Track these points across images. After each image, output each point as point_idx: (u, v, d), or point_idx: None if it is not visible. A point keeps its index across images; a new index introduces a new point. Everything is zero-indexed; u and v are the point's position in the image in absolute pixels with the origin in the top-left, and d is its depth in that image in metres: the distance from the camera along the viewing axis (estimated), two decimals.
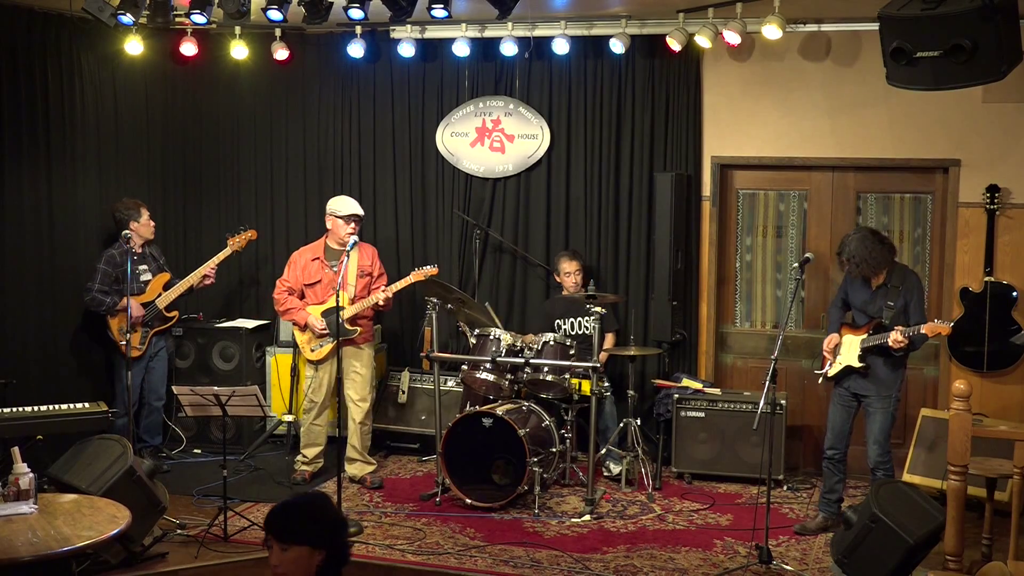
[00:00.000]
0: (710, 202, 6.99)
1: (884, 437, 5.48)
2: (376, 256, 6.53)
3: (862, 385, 5.53)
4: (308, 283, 6.38)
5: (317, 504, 2.98)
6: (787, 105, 6.81)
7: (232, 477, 5.78)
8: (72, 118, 6.77)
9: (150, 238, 6.75)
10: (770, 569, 5.07)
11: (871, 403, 5.50)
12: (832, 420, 5.67)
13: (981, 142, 6.45)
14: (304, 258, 6.47)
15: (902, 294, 5.44)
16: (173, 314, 6.80)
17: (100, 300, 6.44)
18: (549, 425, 6.20)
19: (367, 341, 6.43)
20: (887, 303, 5.45)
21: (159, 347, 6.81)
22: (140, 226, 6.63)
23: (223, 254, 6.88)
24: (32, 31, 6.46)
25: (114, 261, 6.49)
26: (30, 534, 3.94)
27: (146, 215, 6.70)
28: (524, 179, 7.29)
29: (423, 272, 6.28)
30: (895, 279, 5.50)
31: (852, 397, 5.59)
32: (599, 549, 5.37)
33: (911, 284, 5.49)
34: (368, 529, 5.61)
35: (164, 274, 6.79)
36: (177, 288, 6.72)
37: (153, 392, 6.78)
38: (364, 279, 6.37)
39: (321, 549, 2.87)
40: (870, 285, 5.57)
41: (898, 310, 5.43)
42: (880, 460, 5.48)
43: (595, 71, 7.07)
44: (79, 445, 5.16)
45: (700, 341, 7.07)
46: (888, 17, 4.29)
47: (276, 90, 7.65)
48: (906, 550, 4.52)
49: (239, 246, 6.93)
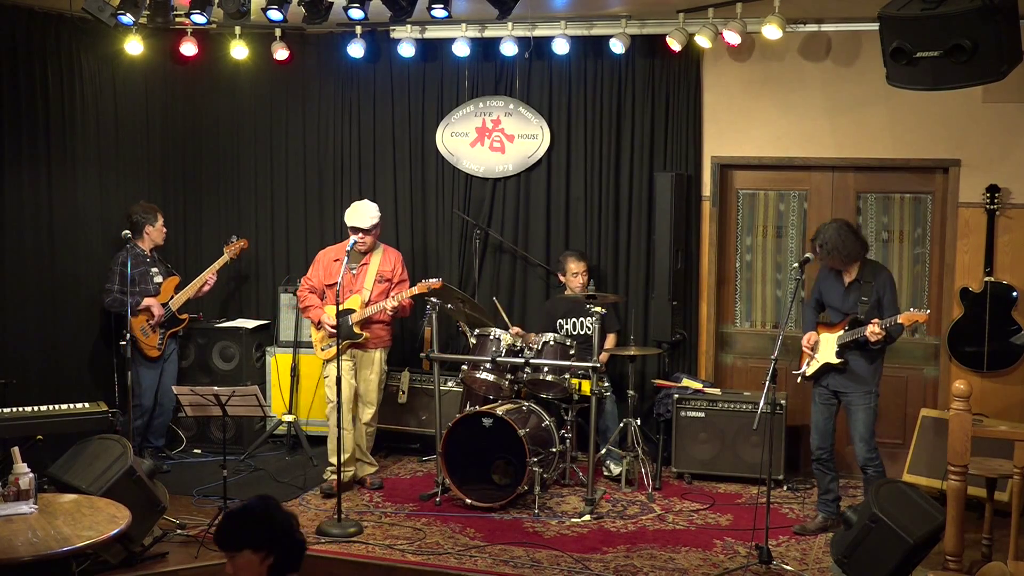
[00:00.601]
0: (710, 202, 6.99)
1: (869, 434, 5.51)
2: (399, 262, 6.45)
3: (841, 382, 5.56)
4: (328, 283, 6.38)
5: (255, 508, 3.01)
6: (787, 105, 6.81)
7: (232, 477, 5.78)
8: (72, 118, 6.77)
9: (160, 243, 6.80)
10: (770, 569, 5.07)
11: (851, 400, 5.54)
12: (815, 420, 5.71)
13: (981, 142, 6.45)
14: (328, 257, 6.46)
15: (875, 289, 5.49)
16: (184, 316, 6.84)
17: (122, 301, 6.38)
18: (549, 425, 6.20)
19: (380, 347, 6.36)
20: (861, 298, 5.50)
21: (171, 349, 6.85)
22: (154, 231, 6.70)
23: (220, 262, 6.99)
24: (32, 31, 6.47)
25: (127, 263, 6.46)
26: (30, 534, 3.95)
27: (161, 221, 6.76)
28: (524, 179, 7.30)
29: (426, 284, 6.19)
30: (867, 275, 5.54)
31: (832, 395, 5.63)
32: (599, 549, 5.37)
33: (883, 279, 5.53)
34: (368, 529, 5.61)
35: (174, 277, 6.83)
36: (187, 291, 6.77)
37: (165, 394, 6.76)
38: (383, 284, 6.31)
39: (267, 551, 2.89)
40: (843, 282, 5.60)
41: (872, 305, 5.47)
42: (869, 457, 5.51)
43: (595, 71, 7.07)
44: (79, 445, 5.16)
45: (700, 341, 7.07)
46: (888, 17, 4.29)
47: (276, 90, 7.65)
48: (906, 550, 4.52)
49: (233, 255, 7.07)
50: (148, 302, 6.59)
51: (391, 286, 6.33)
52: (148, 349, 6.63)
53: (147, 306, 6.58)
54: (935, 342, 6.69)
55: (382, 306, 6.21)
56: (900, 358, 6.74)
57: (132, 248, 6.42)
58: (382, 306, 6.21)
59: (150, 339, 6.62)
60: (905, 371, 6.78)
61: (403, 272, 6.43)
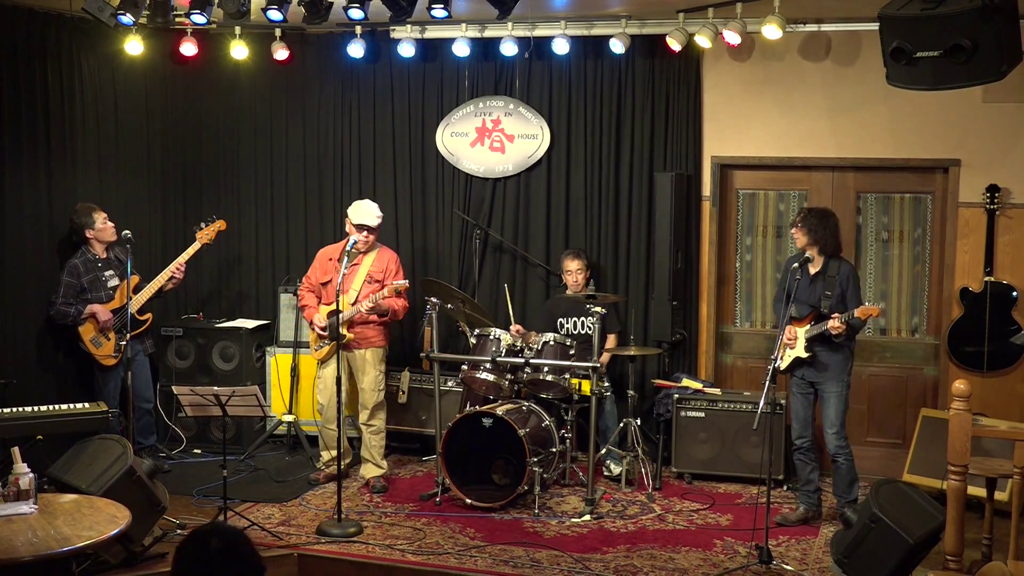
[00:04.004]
0: (710, 202, 6.99)
1: (840, 422, 5.64)
2: (393, 262, 6.40)
3: (813, 373, 5.71)
4: (322, 282, 6.38)
5: None
6: (787, 105, 6.81)
7: (232, 477, 5.78)
8: (72, 118, 6.77)
9: (112, 240, 6.53)
10: (770, 569, 5.07)
11: (824, 388, 5.69)
12: (795, 410, 5.85)
13: (981, 142, 6.45)
14: (325, 256, 6.47)
15: (838, 283, 5.63)
16: (146, 317, 6.62)
17: (64, 312, 6.32)
18: (549, 425, 6.20)
19: (368, 348, 6.33)
20: (825, 292, 5.63)
21: (135, 351, 6.57)
22: (97, 231, 6.47)
23: (191, 250, 6.70)
24: (32, 31, 6.46)
25: (77, 271, 6.39)
26: (30, 534, 3.94)
27: (101, 218, 6.49)
28: (524, 179, 7.29)
29: (393, 287, 6.08)
30: (831, 269, 5.66)
31: (808, 385, 5.77)
32: (599, 549, 5.37)
33: (845, 273, 5.66)
34: (368, 529, 5.61)
35: (134, 276, 6.54)
36: (147, 291, 6.55)
37: (139, 396, 6.64)
38: (373, 285, 6.27)
39: None
40: (808, 275, 5.70)
41: (835, 298, 5.60)
42: (839, 445, 5.64)
43: (595, 71, 7.07)
44: (79, 445, 5.16)
45: (700, 341, 7.07)
46: (888, 17, 4.29)
47: (276, 90, 7.65)
48: (906, 550, 4.52)
49: (208, 238, 6.78)
50: (92, 309, 6.36)
51: (382, 287, 6.30)
52: (103, 359, 6.42)
53: (91, 313, 6.36)
54: (935, 342, 6.69)
55: (357, 309, 6.17)
56: (900, 358, 6.75)
57: (83, 253, 6.30)
58: (357, 309, 6.17)
59: (104, 348, 6.40)
60: (905, 371, 6.78)
61: (398, 273, 6.37)
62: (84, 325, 6.41)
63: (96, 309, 6.39)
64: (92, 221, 6.47)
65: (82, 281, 6.39)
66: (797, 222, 5.75)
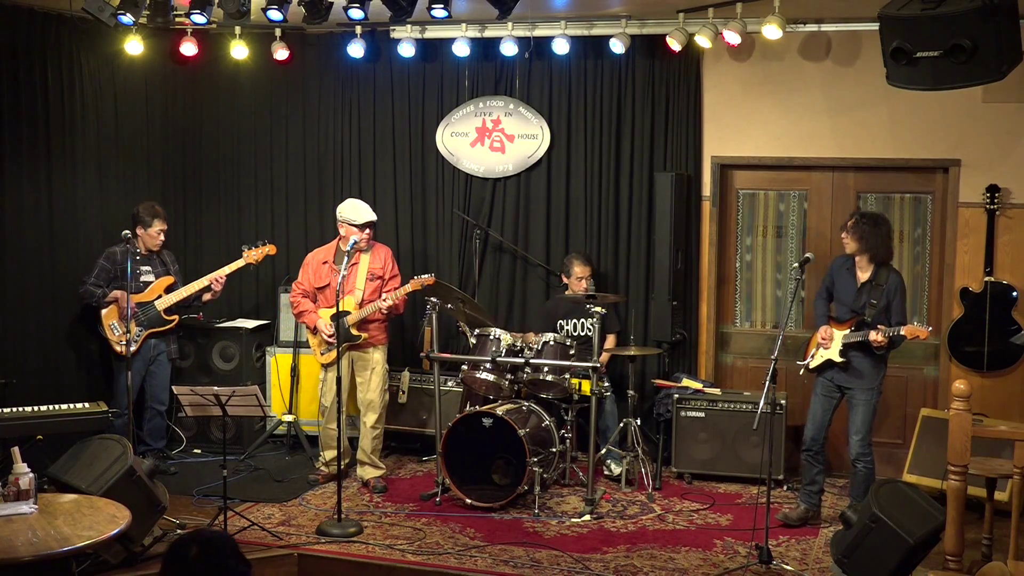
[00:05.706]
0: (710, 202, 6.99)
1: (866, 429, 5.57)
2: (389, 257, 6.43)
3: (844, 378, 5.63)
4: (318, 286, 6.36)
5: None
6: (787, 105, 6.81)
7: (232, 477, 5.78)
8: (72, 118, 6.77)
9: (154, 249, 6.60)
10: (770, 569, 5.07)
11: (854, 395, 5.60)
12: (813, 411, 5.76)
13: (981, 142, 6.45)
14: (316, 260, 6.43)
15: (885, 293, 5.53)
16: (173, 318, 6.63)
17: (91, 292, 6.41)
18: (549, 425, 6.20)
19: (377, 345, 6.35)
20: (871, 300, 5.54)
21: (159, 351, 6.65)
22: (145, 234, 6.53)
23: (235, 265, 6.68)
24: (32, 31, 6.47)
25: (114, 258, 6.46)
26: (30, 534, 3.94)
27: (157, 227, 6.53)
28: (524, 179, 7.29)
29: (419, 281, 6.19)
30: (880, 277, 5.57)
31: (836, 388, 5.68)
32: (599, 549, 5.37)
33: (894, 284, 5.56)
34: (368, 529, 5.61)
35: (168, 277, 6.65)
36: (178, 293, 6.59)
37: (155, 397, 6.70)
38: (375, 283, 6.29)
39: None
40: (856, 280, 5.62)
41: (880, 309, 5.51)
42: (861, 452, 5.57)
43: (595, 71, 7.07)
44: (79, 445, 5.15)
45: (700, 341, 7.07)
46: (888, 17, 4.30)
47: (276, 90, 7.65)
48: (906, 550, 4.52)
49: (255, 260, 6.71)
50: (116, 294, 6.41)
51: (383, 283, 6.31)
52: (114, 345, 6.44)
53: (114, 298, 6.41)
54: (935, 342, 6.68)
55: (377, 306, 6.19)
56: (900, 358, 6.73)
57: (127, 245, 6.36)
58: (377, 306, 6.19)
59: (117, 336, 6.40)
60: (905, 371, 6.78)
61: (394, 268, 6.42)
62: (107, 309, 6.45)
63: (119, 295, 6.43)
64: (149, 223, 6.55)
65: (116, 268, 6.43)
66: (848, 227, 5.60)
